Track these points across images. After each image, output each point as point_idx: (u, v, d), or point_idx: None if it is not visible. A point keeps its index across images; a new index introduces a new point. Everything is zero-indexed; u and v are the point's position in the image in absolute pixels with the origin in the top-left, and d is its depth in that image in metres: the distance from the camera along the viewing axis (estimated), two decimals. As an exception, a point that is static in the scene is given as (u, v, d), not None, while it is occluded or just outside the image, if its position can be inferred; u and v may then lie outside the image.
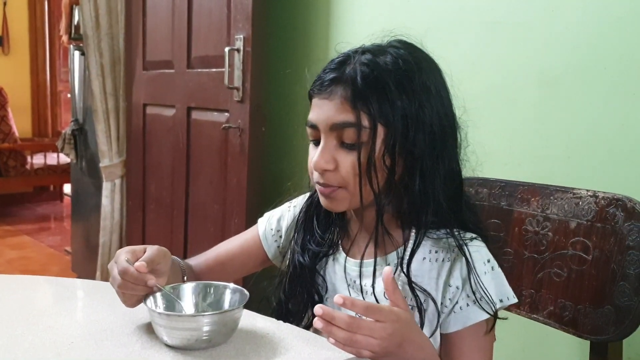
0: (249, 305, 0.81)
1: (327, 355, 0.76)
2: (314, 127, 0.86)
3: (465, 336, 0.85)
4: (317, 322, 0.69)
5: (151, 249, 0.83)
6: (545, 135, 1.38)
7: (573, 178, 1.31)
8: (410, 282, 0.85)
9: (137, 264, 0.79)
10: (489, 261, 0.86)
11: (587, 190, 1.00)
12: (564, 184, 1.06)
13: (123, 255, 0.82)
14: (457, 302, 0.84)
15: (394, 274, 0.86)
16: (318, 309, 0.69)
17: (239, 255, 1.07)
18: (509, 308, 1.08)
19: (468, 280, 0.84)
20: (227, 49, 1.90)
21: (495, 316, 0.84)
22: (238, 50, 1.88)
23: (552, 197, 1.04)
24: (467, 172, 0.91)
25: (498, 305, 0.84)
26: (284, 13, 2.07)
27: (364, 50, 0.86)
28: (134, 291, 0.80)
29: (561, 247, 1.02)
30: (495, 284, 0.85)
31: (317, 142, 0.87)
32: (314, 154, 0.86)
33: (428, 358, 0.77)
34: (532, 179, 1.10)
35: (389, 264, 0.88)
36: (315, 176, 0.86)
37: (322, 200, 0.88)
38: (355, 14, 1.85)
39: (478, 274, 0.84)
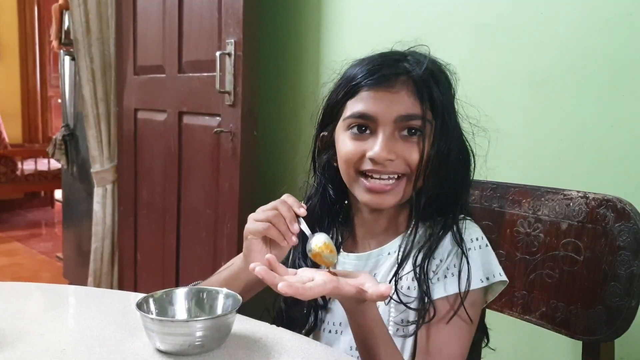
0: (242, 310, 0.81)
1: (321, 359, 0.76)
2: (368, 118, 0.87)
3: (438, 306, 0.86)
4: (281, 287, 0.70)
5: None
6: (536, 136, 1.39)
7: (564, 179, 1.32)
8: (419, 280, 0.87)
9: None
10: (477, 239, 0.89)
11: (578, 191, 1.01)
12: (555, 185, 1.06)
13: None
14: (437, 274, 0.87)
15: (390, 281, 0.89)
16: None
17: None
18: (501, 309, 1.09)
19: (452, 254, 0.87)
20: (218, 53, 1.90)
21: (464, 292, 0.85)
22: (229, 54, 1.88)
23: (543, 199, 1.05)
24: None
25: (484, 283, 0.86)
26: (274, 17, 2.07)
27: (412, 53, 0.92)
28: (282, 226, 0.83)
29: (552, 248, 1.02)
30: (482, 260, 0.87)
31: (359, 132, 0.88)
32: (355, 145, 0.88)
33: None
34: (523, 181, 1.11)
35: (389, 253, 0.92)
36: (367, 165, 0.87)
37: (369, 197, 0.89)
38: (346, 18, 1.86)
39: (464, 248, 0.86)
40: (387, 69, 0.88)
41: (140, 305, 0.79)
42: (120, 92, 2.59)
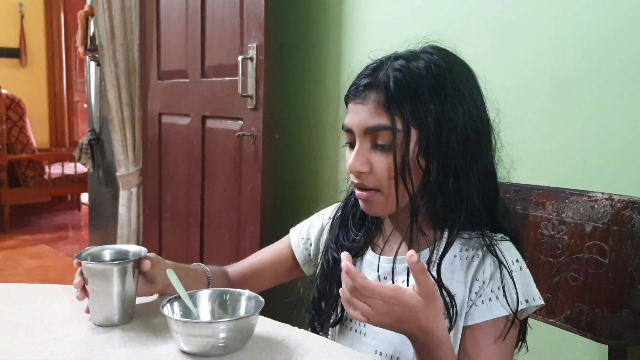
0: (266, 312, 0.82)
1: (342, 361, 0.76)
2: (349, 131, 0.89)
3: (483, 329, 0.85)
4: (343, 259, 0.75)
5: None
6: (559, 138, 1.38)
7: (588, 181, 1.30)
8: (439, 284, 0.86)
9: None
10: (517, 261, 0.88)
11: (603, 193, 1.00)
12: (579, 187, 1.05)
13: None
14: (480, 296, 0.86)
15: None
16: (344, 257, 0.75)
17: (271, 263, 1.12)
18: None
19: (494, 276, 0.85)
20: (240, 58, 1.92)
21: (515, 315, 0.84)
22: (251, 58, 1.90)
23: (567, 201, 1.04)
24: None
25: (523, 305, 0.85)
26: (295, 21, 2.08)
27: (397, 57, 0.88)
28: None
29: (577, 251, 1.01)
30: (522, 284, 0.86)
31: (352, 145, 0.90)
32: (349, 156, 0.89)
33: (431, 342, 0.78)
34: (547, 183, 1.10)
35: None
36: (352, 178, 0.90)
37: (360, 203, 0.92)
38: (366, 21, 1.86)
39: (504, 272, 0.85)
40: (363, 79, 0.88)
41: (164, 307, 0.80)
42: (145, 97, 2.63)
